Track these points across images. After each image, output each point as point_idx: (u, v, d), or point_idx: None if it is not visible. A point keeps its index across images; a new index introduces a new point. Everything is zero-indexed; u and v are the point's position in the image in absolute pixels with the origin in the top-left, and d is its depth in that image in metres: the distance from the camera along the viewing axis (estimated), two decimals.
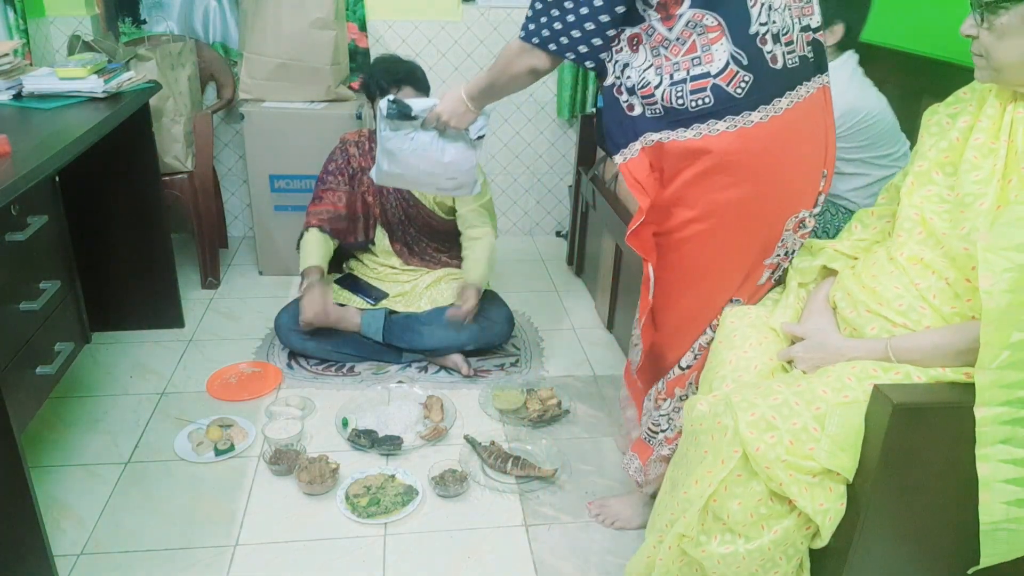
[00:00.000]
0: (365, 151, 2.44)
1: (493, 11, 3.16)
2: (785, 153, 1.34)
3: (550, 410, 2.17)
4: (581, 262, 3.14)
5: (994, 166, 1.17)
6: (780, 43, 1.28)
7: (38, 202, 1.79)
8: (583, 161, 3.02)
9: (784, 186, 1.37)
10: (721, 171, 1.31)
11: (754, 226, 1.39)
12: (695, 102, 1.27)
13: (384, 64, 2.30)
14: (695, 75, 1.26)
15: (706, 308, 1.50)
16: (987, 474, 1.10)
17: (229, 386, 2.29)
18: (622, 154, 1.38)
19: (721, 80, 1.26)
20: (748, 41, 1.25)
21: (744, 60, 1.25)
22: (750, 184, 1.33)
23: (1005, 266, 1.06)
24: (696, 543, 1.25)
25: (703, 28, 1.24)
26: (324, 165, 2.48)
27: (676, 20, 1.25)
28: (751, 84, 1.27)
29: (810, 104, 1.35)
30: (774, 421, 1.17)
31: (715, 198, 1.34)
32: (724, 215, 1.35)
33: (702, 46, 1.25)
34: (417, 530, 1.76)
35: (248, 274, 3.09)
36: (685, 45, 1.26)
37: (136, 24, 3.06)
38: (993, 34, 1.13)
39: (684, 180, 1.34)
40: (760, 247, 1.43)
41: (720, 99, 1.27)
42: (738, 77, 1.26)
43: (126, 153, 2.35)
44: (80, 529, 1.73)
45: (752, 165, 1.32)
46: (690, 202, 1.36)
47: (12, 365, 1.62)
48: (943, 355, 1.18)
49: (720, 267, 1.44)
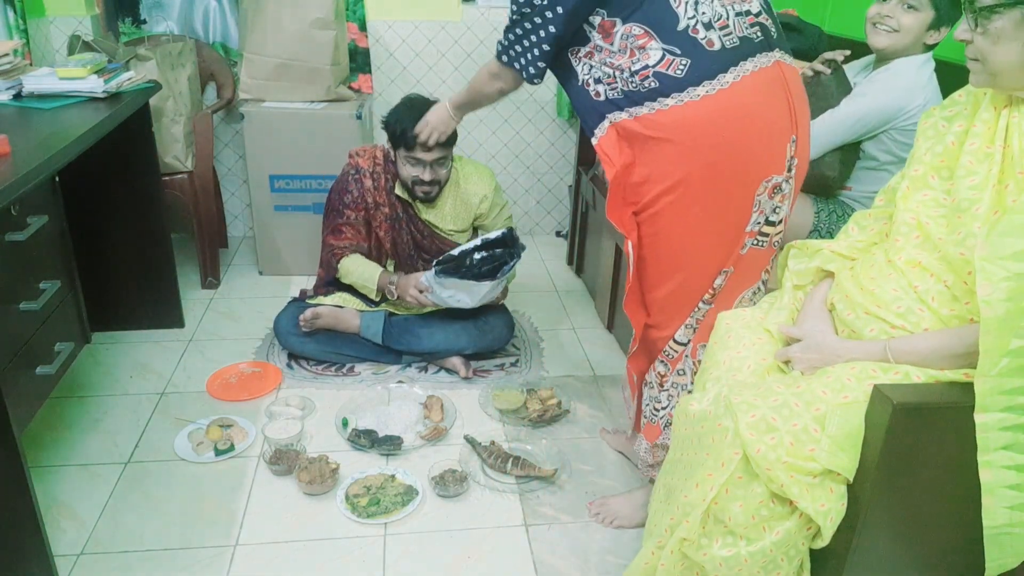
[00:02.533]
0: (381, 186, 2.36)
1: (493, 11, 3.16)
2: (741, 121, 1.45)
3: (550, 410, 2.18)
4: (581, 262, 3.14)
5: (990, 171, 1.17)
6: (714, 29, 1.43)
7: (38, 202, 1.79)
8: (583, 161, 3.02)
9: (746, 152, 1.47)
10: (676, 143, 1.44)
11: (722, 192, 1.48)
12: (644, 86, 1.44)
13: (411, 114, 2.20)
14: (636, 69, 1.45)
15: (694, 280, 1.57)
16: (989, 480, 1.10)
17: (229, 386, 2.29)
18: (595, 135, 1.54)
19: (660, 67, 1.43)
20: (678, 36, 1.43)
21: (677, 51, 1.43)
22: (709, 152, 1.44)
23: (1003, 275, 1.06)
24: (697, 546, 1.25)
25: (634, 37, 1.44)
26: (338, 193, 2.39)
27: (614, 37, 1.46)
28: (690, 66, 1.42)
29: (763, 76, 1.47)
30: (774, 422, 1.17)
31: (678, 168, 1.46)
32: (690, 184, 1.46)
33: (637, 49, 1.44)
34: (417, 530, 1.76)
35: (248, 274, 3.09)
36: (625, 53, 1.46)
37: (136, 24, 3.06)
38: (987, 39, 1.13)
39: (649, 155, 1.47)
40: (734, 213, 1.51)
41: (663, 80, 1.43)
42: (675, 63, 1.43)
43: (126, 153, 2.35)
44: (80, 529, 1.73)
45: (706, 134, 1.44)
46: (657, 176, 1.48)
47: (12, 365, 1.62)
48: (942, 357, 1.19)
49: (698, 237, 1.52)
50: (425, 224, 2.41)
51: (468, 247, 2.21)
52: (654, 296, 1.61)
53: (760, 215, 1.53)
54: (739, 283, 1.60)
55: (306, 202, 2.93)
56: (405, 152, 2.25)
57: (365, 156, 2.39)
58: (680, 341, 1.63)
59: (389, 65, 3.20)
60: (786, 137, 1.49)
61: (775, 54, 1.49)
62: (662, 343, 1.65)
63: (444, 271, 2.19)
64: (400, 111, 2.23)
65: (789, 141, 1.50)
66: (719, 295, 1.58)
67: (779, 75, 1.48)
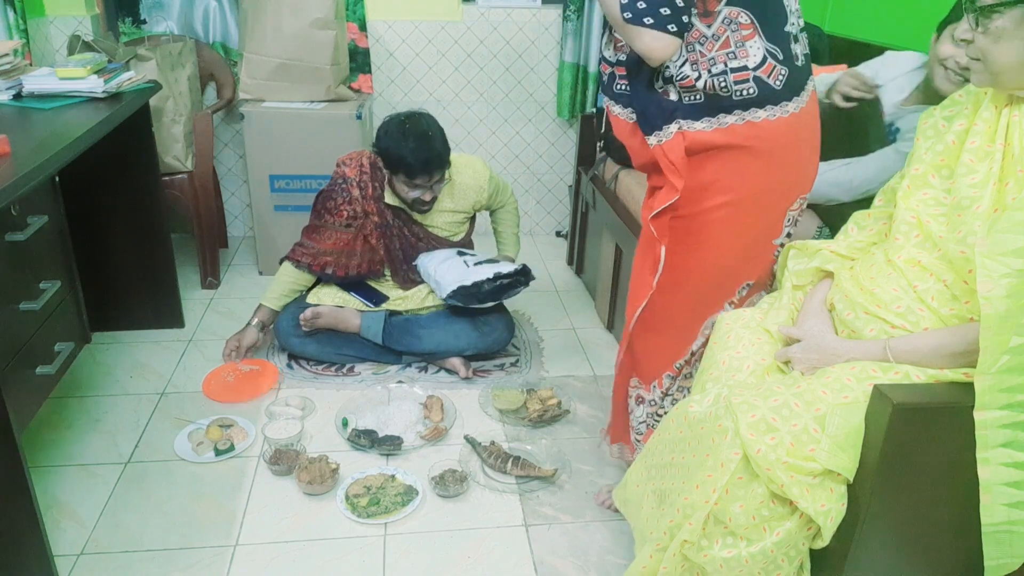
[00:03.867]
0: (369, 195, 2.33)
1: (493, 11, 3.16)
2: (802, 140, 1.43)
3: (550, 410, 2.18)
4: (581, 262, 3.14)
5: (990, 169, 1.18)
6: (800, 43, 1.39)
7: (38, 202, 1.79)
8: (583, 161, 3.02)
9: (798, 171, 1.46)
10: (760, 157, 1.39)
11: (769, 208, 1.47)
12: (739, 91, 1.33)
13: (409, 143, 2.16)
14: (733, 67, 1.32)
15: (721, 291, 1.56)
16: (988, 477, 1.10)
17: (227, 386, 2.28)
18: (656, 135, 1.40)
19: (762, 72, 1.33)
20: (783, 38, 1.33)
21: (780, 55, 1.33)
22: (776, 169, 1.41)
23: (1003, 272, 1.06)
24: (698, 548, 1.24)
25: (737, 25, 1.30)
26: (323, 198, 2.38)
27: (714, 17, 1.30)
28: (787, 77, 1.35)
29: (813, 96, 1.46)
30: (774, 423, 1.17)
31: (750, 182, 1.41)
32: (752, 198, 1.43)
33: (735, 42, 1.31)
34: (417, 530, 1.76)
35: (248, 274, 3.09)
36: (719, 41, 1.31)
37: (136, 24, 3.06)
38: (989, 38, 1.13)
39: (721, 164, 1.40)
40: (770, 228, 1.50)
41: (763, 89, 1.34)
42: (776, 70, 1.34)
43: (126, 153, 2.35)
44: (80, 529, 1.73)
45: (784, 152, 1.40)
46: (723, 185, 1.41)
47: (12, 365, 1.62)
48: (941, 356, 1.19)
49: (735, 247, 1.50)
50: (421, 227, 2.42)
51: (480, 279, 2.24)
52: (669, 300, 1.55)
53: (788, 227, 1.54)
54: (755, 291, 1.60)
55: (306, 202, 2.90)
56: (405, 178, 2.23)
57: (351, 165, 2.36)
58: (695, 351, 1.61)
59: (389, 65, 3.20)
60: (817, 155, 1.51)
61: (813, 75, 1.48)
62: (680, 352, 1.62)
63: (455, 296, 2.24)
64: (396, 137, 2.18)
65: (818, 159, 1.52)
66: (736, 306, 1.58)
67: (815, 95, 1.48)
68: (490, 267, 2.31)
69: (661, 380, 1.66)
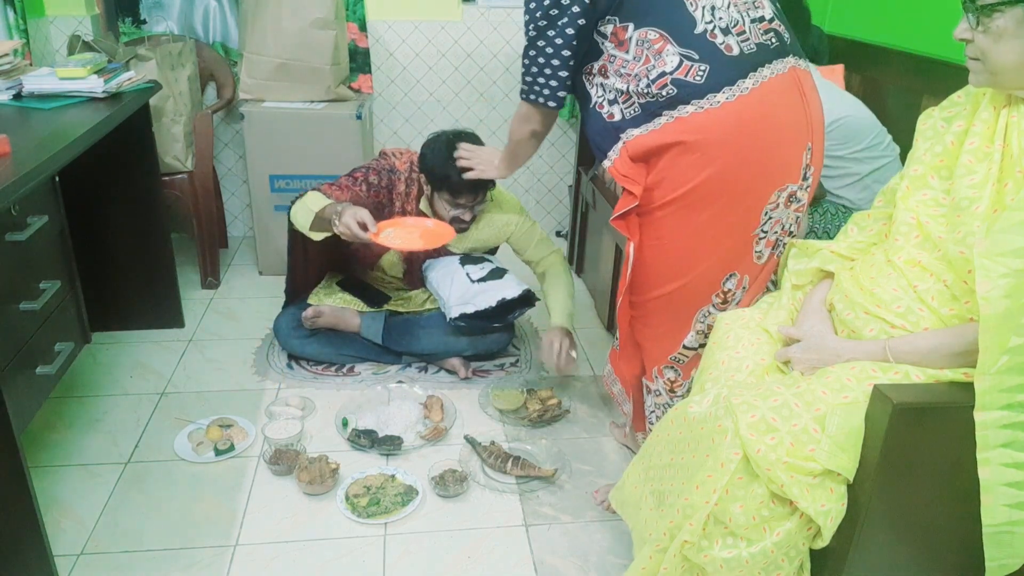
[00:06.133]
0: (412, 195, 2.27)
1: (493, 11, 3.16)
2: (760, 129, 1.43)
3: (550, 410, 2.18)
4: (581, 262, 3.14)
5: (989, 170, 1.18)
6: (732, 34, 1.42)
7: (38, 202, 1.79)
8: (583, 161, 3.02)
9: (762, 160, 1.45)
10: (695, 151, 1.42)
11: (733, 199, 1.47)
12: (662, 94, 1.41)
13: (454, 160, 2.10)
14: (653, 77, 1.41)
15: (695, 284, 1.56)
16: (988, 478, 1.10)
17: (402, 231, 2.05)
18: (608, 158, 1.52)
19: (679, 74, 1.40)
20: (696, 40, 1.40)
21: (695, 56, 1.40)
22: (726, 159, 1.42)
23: (1002, 272, 1.06)
24: (698, 548, 1.24)
25: (649, 43, 1.41)
26: (364, 170, 2.26)
27: (628, 43, 1.43)
28: (709, 71, 1.40)
29: (780, 83, 1.45)
30: (774, 423, 1.17)
31: (693, 176, 1.44)
32: (701, 191, 1.45)
33: (653, 55, 1.41)
34: (417, 530, 1.76)
35: (248, 274, 3.09)
36: (640, 60, 1.43)
37: (136, 24, 3.06)
38: (989, 37, 1.13)
39: (664, 164, 1.45)
40: (742, 220, 1.50)
41: (682, 87, 1.40)
42: (694, 68, 1.40)
43: (126, 153, 2.35)
44: (80, 529, 1.73)
45: (726, 142, 1.41)
46: (670, 182, 1.46)
47: (12, 365, 1.62)
48: (941, 356, 1.19)
49: (704, 242, 1.51)
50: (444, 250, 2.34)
51: (483, 308, 2.23)
52: (650, 297, 1.60)
53: (777, 224, 1.52)
54: (757, 291, 1.60)
55: None
56: (448, 196, 2.18)
57: (402, 159, 2.29)
58: (690, 346, 1.63)
59: (389, 65, 3.20)
60: (802, 145, 1.48)
61: (790, 60, 1.48)
62: (671, 347, 1.64)
63: (461, 320, 2.26)
64: (443, 156, 2.12)
65: (805, 149, 1.49)
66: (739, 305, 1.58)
67: (795, 81, 1.48)
68: (494, 289, 2.27)
69: (661, 371, 1.69)
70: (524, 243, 2.40)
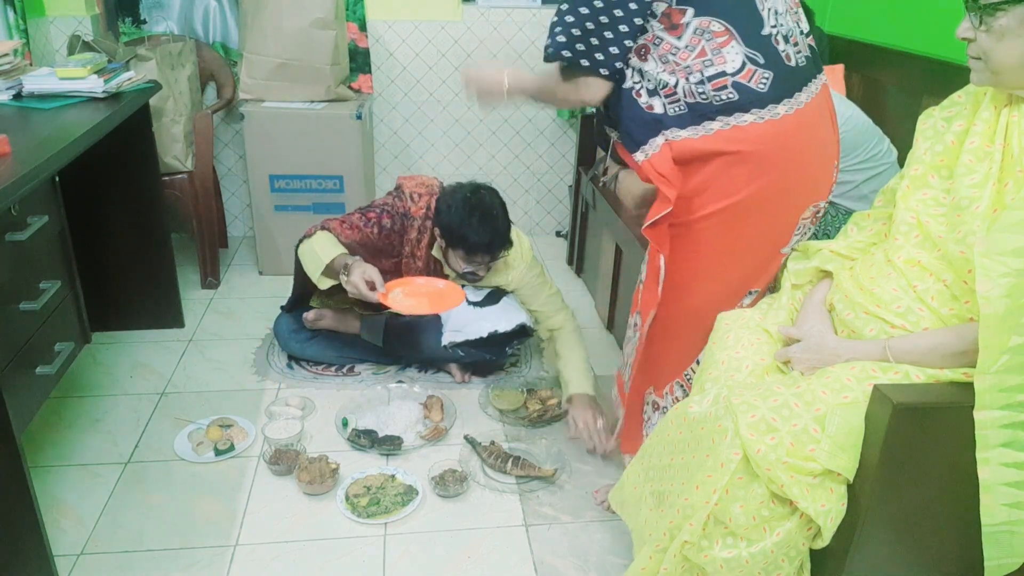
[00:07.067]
0: (424, 243, 2.17)
1: (493, 11, 3.16)
2: (806, 144, 1.40)
3: (550, 410, 2.17)
4: (581, 262, 3.14)
5: (989, 170, 1.18)
6: (789, 43, 1.36)
7: (38, 202, 1.79)
8: (583, 161, 3.02)
9: (806, 176, 1.43)
10: (749, 162, 1.36)
11: (773, 215, 1.44)
12: (719, 97, 1.32)
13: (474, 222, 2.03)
14: (710, 75, 1.31)
15: (724, 298, 1.53)
16: (988, 477, 1.10)
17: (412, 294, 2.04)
18: (643, 151, 1.40)
19: (741, 78, 1.31)
20: (762, 42, 1.32)
21: (760, 59, 1.32)
22: (775, 174, 1.38)
23: (1002, 271, 1.06)
24: (698, 548, 1.24)
25: (711, 34, 1.30)
26: (378, 211, 2.19)
27: (683, 29, 1.31)
28: (772, 80, 1.33)
29: (819, 99, 1.43)
30: (774, 423, 1.17)
31: (741, 187, 1.38)
32: (747, 205, 1.39)
33: (712, 50, 1.31)
34: (417, 530, 1.76)
35: (248, 274, 3.09)
36: (694, 51, 1.31)
37: (136, 24, 3.06)
38: (991, 36, 1.13)
39: (711, 172, 1.38)
40: (776, 236, 1.47)
41: (744, 93, 1.32)
42: (758, 74, 1.32)
43: (126, 153, 2.35)
44: (80, 529, 1.73)
45: (778, 156, 1.37)
46: (717, 192, 1.39)
47: (12, 365, 1.62)
48: (941, 356, 1.19)
49: (736, 255, 1.47)
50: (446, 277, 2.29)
51: (472, 338, 2.23)
52: (672, 309, 1.54)
53: (799, 236, 1.51)
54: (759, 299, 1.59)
55: (306, 202, 2.93)
56: (464, 255, 2.10)
57: (419, 203, 2.18)
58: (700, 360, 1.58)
59: (389, 65, 3.20)
60: (833, 162, 1.48)
61: (821, 76, 1.45)
62: (686, 361, 1.61)
63: (460, 347, 2.26)
64: (460, 214, 2.04)
65: (834, 166, 1.49)
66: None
67: (827, 98, 1.46)
68: (488, 318, 2.23)
69: (672, 387, 1.66)
70: (530, 296, 2.30)
